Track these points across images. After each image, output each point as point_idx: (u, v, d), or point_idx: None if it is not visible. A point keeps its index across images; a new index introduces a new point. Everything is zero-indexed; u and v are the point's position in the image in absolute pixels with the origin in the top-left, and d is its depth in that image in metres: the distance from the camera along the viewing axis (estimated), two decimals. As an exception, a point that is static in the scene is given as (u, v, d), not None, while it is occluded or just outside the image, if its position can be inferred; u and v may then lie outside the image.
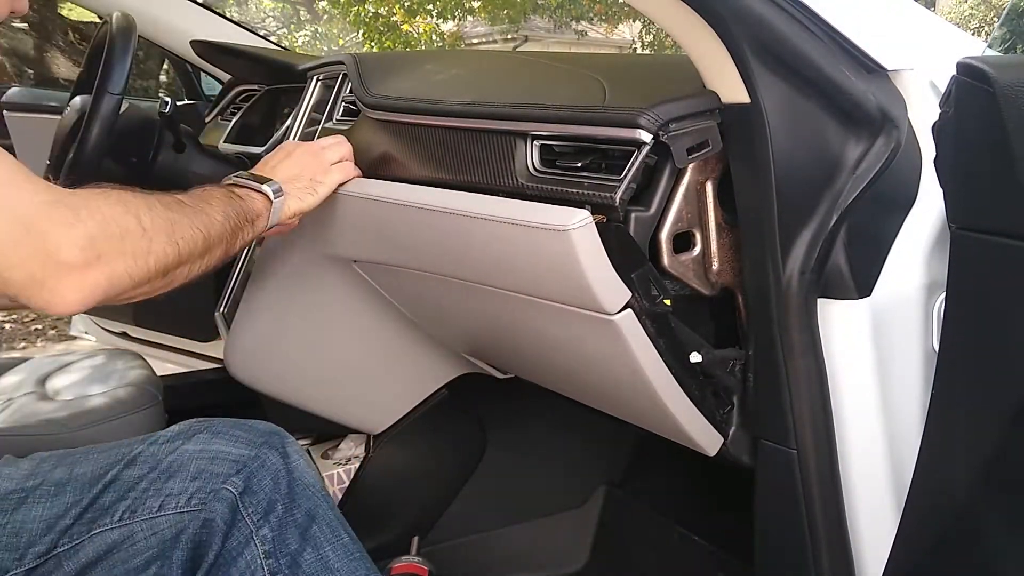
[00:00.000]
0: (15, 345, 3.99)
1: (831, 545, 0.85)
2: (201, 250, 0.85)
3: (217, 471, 0.84)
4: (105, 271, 0.73)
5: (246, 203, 0.92)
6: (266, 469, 0.86)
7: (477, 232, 0.88)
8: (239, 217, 0.90)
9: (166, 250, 0.79)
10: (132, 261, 0.76)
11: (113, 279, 0.74)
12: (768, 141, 0.77)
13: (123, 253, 0.75)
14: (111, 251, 0.73)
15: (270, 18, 11.57)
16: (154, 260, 0.78)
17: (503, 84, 1.12)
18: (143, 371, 1.59)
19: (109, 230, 0.74)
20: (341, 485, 1.52)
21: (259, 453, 0.86)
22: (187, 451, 0.86)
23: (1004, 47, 1.12)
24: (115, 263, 0.74)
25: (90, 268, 0.72)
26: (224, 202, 0.90)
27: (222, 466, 0.84)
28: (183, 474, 0.84)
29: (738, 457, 0.90)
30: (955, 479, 0.76)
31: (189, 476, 0.84)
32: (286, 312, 1.22)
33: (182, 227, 0.82)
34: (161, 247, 0.79)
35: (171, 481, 0.84)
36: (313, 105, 1.36)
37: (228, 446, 0.86)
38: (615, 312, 0.82)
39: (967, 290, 0.72)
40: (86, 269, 0.71)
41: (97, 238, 0.72)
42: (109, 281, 0.74)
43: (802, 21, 0.76)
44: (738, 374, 0.88)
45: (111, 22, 1.38)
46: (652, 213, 0.81)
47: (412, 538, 1.29)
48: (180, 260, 0.82)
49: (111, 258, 0.73)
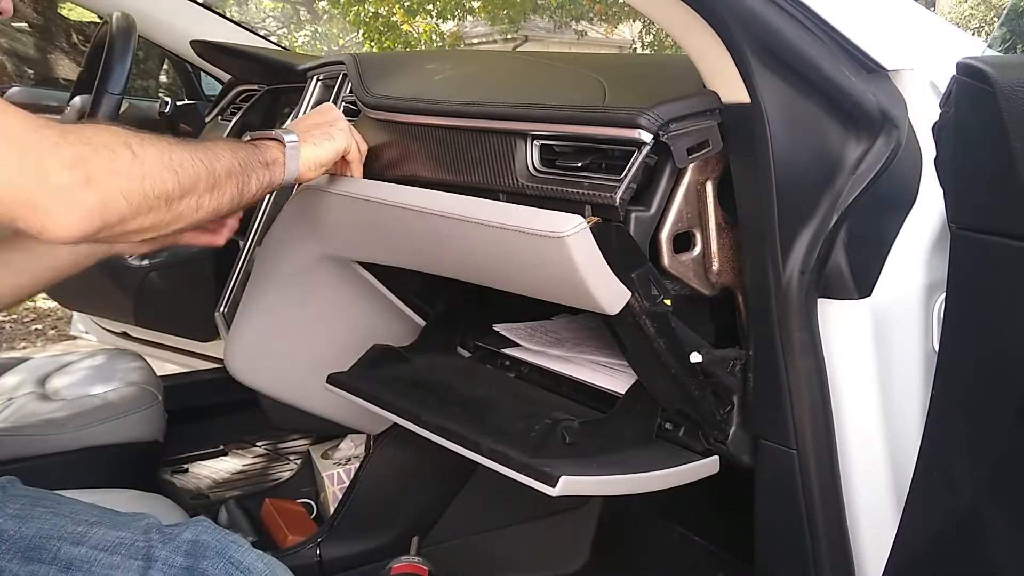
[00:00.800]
0: (15, 345, 3.99)
1: (831, 545, 0.85)
2: (207, 183, 0.82)
3: None
4: (98, 192, 0.72)
5: (260, 150, 0.91)
6: None
7: (475, 236, 0.88)
8: (250, 158, 0.89)
9: (163, 175, 0.77)
10: (126, 182, 0.74)
11: (108, 201, 0.72)
12: (768, 141, 0.77)
13: (114, 173, 0.73)
14: (101, 170, 0.72)
15: (270, 18, 11.57)
16: (150, 184, 0.76)
17: (503, 84, 1.12)
18: (143, 371, 1.59)
19: (97, 150, 0.72)
20: (341, 485, 1.52)
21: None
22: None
23: (1004, 47, 1.12)
24: (107, 183, 0.72)
25: (82, 189, 0.70)
26: (232, 145, 0.89)
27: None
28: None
29: (738, 457, 0.90)
30: (955, 479, 0.76)
31: None
32: (286, 312, 1.22)
33: (179, 155, 0.80)
34: (157, 171, 0.77)
35: None
36: (313, 105, 1.36)
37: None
38: (615, 313, 0.82)
39: (967, 290, 0.72)
40: (78, 190, 0.70)
41: (86, 158, 0.71)
42: (103, 203, 0.72)
43: (802, 21, 0.76)
44: (738, 374, 0.88)
45: (111, 22, 1.38)
46: (652, 213, 0.81)
47: (412, 538, 1.29)
48: (182, 189, 0.79)
49: (102, 178, 0.72)
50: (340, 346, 1.21)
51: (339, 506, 1.42)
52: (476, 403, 1.05)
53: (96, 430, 1.40)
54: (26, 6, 4.62)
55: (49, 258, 1.01)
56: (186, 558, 0.81)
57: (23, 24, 4.69)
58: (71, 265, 1.02)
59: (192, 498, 1.67)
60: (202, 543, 0.82)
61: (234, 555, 0.82)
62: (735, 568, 1.29)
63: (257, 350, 1.25)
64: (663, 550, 1.44)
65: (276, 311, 1.22)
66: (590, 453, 0.91)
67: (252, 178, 0.89)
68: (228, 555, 0.82)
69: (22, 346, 3.97)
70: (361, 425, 1.40)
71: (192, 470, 1.83)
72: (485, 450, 0.92)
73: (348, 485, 1.45)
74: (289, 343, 1.25)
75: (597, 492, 1.19)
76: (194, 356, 2.13)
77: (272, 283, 1.21)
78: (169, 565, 0.80)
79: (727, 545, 1.32)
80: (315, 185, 1.08)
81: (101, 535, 0.83)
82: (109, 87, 1.34)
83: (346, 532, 1.39)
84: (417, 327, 1.28)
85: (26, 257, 1.00)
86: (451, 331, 1.25)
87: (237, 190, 0.87)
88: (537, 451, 0.89)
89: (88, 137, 0.72)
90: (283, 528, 1.45)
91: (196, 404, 1.88)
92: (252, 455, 1.90)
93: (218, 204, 0.85)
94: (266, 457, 1.89)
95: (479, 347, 1.23)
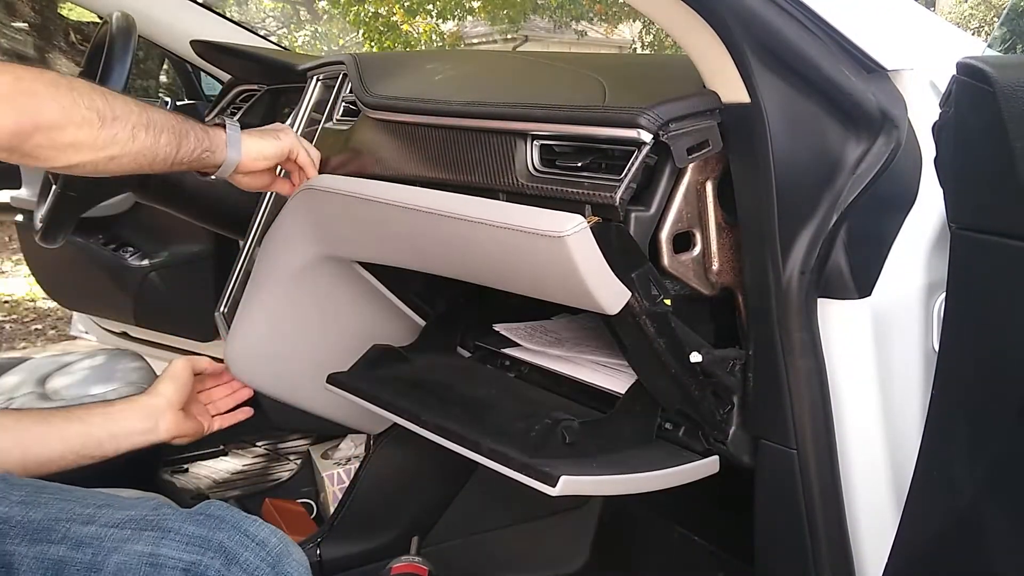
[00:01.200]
0: (15, 345, 3.99)
1: (831, 545, 0.85)
2: (139, 118, 0.91)
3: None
4: (33, 97, 0.82)
5: (203, 125, 1.00)
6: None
7: (475, 235, 0.88)
8: (189, 122, 0.97)
9: (92, 95, 0.87)
10: (54, 90, 0.84)
11: (42, 105, 0.83)
12: (768, 141, 0.77)
13: (48, 83, 0.84)
14: (37, 80, 0.83)
15: (270, 18, 11.57)
16: (79, 96, 0.86)
17: (503, 84, 1.12)
18: (143, 371, 1.59)
19: (32, 70, 0.85)
20: (341, 485, 1.52)
21: (207, 561, 0.79)
22: (134, 553, 0.79)
23: (1004, 47, 1.12)
24: (42, 90, 0.83)
25: (19, 92, 0.81)
26: (170, 110, 0.98)
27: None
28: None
29: (738, 457, 0.90)
30: (955, 479, 0.76)
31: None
32: (286, 313, 1.22)
33: (110, 92, 0.91)
34: (87, 90, 0.87)
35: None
36: (313, 105, 1.36)
37: (177, 550, 0.79)
38: (615, 313, 0.82)
39: (967, 290, 0.72)
40: (16, 93, 0.81)
41: (22, 72, 0.83)
42: (37, 106, 0.83)
43: (802, 21, 0.76)
44: (738, 374, 0.88)
45: (111, 22, 1.38)
46: (652, 213, 0.81)
47: (412, 538, 1.29)
48: (113, 112, 0.88)
49: (38, 86, 0.83)
50: (340, 346, 1.21)
51: (339, 506, 1.42)
52: (476, 403, 1.05)
53: (96, 430, 1.40)
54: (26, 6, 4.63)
55: None
56: (200, 527, 0.81)
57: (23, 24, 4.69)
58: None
59: (192, 498, 1.67)
60: (216, 516, 0.82)
61: (248, 528, 0.82)
62: (735, 568, 1.29)
63: (257, 350, 1.25)
64: (663, 550, 1.44)
65: (276, 312, 1.22)
66: (590, 453, 0.91)
67: (191, 135, 0.97)
68: (243, 528, 0.82)
69: (22, 346, 3.97)
70: (361, 425, 1.40)
71: (192, 470, 1.83)
72: (485, 450, 0.92)
73: (348, 485, 1.45)
74: (289, 343, 1.25)
75: (597, 492, 1.19)
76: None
77: (272, 284, 1.21)
78: (183, 535, 0.80)
79: (727, 545, 1.32)
80: (315, 185, 1.08)
81: (110, 514, 0.83)
82: (109, 87, 1.34)
83: (346, 532, 1.39)
84: (417, 327, 1.28)
85: None
86: (451, 331, 1.25)
87: (174, 138, 0.95)
88: (537, 451, 0.89)
89: (27, 69, 0.84)
90: (283, 528, 1.45)
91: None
92: (252, 455, 1.90)
93: (154, 143, 0.93)
94: (266, 457, 1.89)
95: (479, 347, 1.23)
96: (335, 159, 1.16)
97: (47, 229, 1.45)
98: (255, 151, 1.04)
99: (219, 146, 1.00)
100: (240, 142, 1.02)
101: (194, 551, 0.79)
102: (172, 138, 0.94)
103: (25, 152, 0.85)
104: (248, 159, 1.03)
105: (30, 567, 0.79)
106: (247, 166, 1.04)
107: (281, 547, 0.82)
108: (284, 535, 0.85)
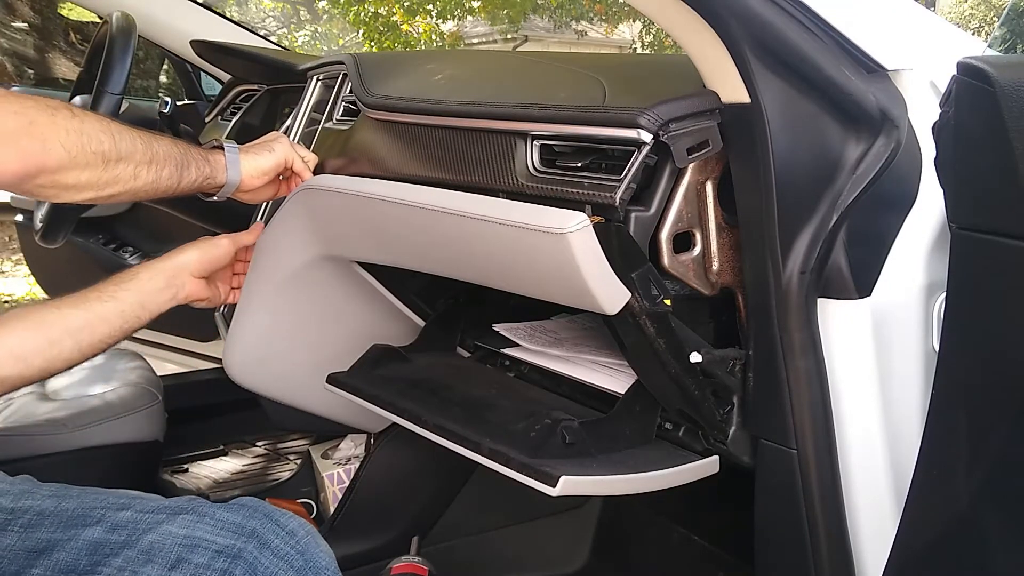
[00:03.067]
0: (15, 345, 3.97)
1: (831, 545, 0.85)
2: (144, 155, 0.91)
3: (197, 561, 0.80)
4: (38, 138, 0.80)
5: (203, 151, 1.01)
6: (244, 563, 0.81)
7: (476, 232, 0.88)
8: (190, 153, 0.98)
9: (100, 136, 0.86)
10: (64, 133, 0.82)
11: (48, 146, 0.81)
12: (768, 141, 0.76)
13: (55, 124, 0.82)
14: (43, 119, 0.81)
15: (270, 18, 11.56)
16: (87, 139, 0.84)
17: (503, 84, 1.12)
18: (143, 371, 1.59)
19: (40, 105, 0.81)
20: (341, 485, 1.52)
21: (240, 544, 0.82)
22: (168, 534, 0.82)
23: (1004, 47, 1.12)
24: (48, 131, 0.81)
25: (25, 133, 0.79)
26: (173, 139, 0.98)
27: (202, 556, 0.80)
28: (161, 560, 0.80)
29: (738, 457, 0.90)
30: (955, 479, 0.76)
31: (168, 564, 0.80)
32: (284, 315, 1.22)
33: (117, 127, 0.89)
34: (94, 130, 0.85)
35: (148, 566, 0.79)
36: (313, 105, 1.36)
37: (211, 533, 0.82)
38: (614, 313, 0.82)
39: (967, 290, 0.72)
40: (21, 134, 0.79)
41: (30, 108, 0.80)
42: (44, 147, 0.81)
43: (802, 21, 0.75)
44: (738, 374, 0.88)
45: (111, 22, 1.38)
46: (652, 213, 0.81)
47: (412, 538, 1.29)
48: (118, 152, 0.87)
49: (44, 126, 0.81)
50: (340, 348, 1.21)
51: (339, 506, 1.42)
52: (476, 403, 1.05)
53: (96, 430, 1.40)
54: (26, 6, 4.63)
55: None
56: (234, 515, 0.84)
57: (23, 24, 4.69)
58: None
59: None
60: (249, 506, 0.86)
61: (279, 519, 0.86)
62: (735, 568, 1.29)
63: (256, 354, 1.25)
64: (663, 550, 1.44)
65: (275, 314, 1.22)
66: (590, 453, 0.91)
67: (192, 165, 0.98)
68: (274, 518, 0.86)
69: (22, 346, 3.96)
70: (361, 425, 1.40)
71: (192, 470, 1.83)
72: (485, 450, 0.92)
73: (348, 485, 1.45)
74: (288, 345, 1.25)
75: (597, 492, 1.19)
76: (194, 356, 2.14)
77: (270, 286, 1.20)
78: (217, 519, 0.83)
79: (727, 545, 1.32)
80: (313, 184, 1.08)
81: (145, 503, 0.86)
82: (109, 87, 1.34)
83: (346, 532, 1.39)
84: (417, 328, 1.28)
85: None
86: (451, 331, 1.25)
87: (176, 170, 0.96)
88: (537, 451, 0.89)
89: (35, 99, 0.82)
90: (283, 528, 1.45)
91: (196, 404, 1.88)
92: (252, 455, 1.90)
93: (156, 178, 0.93)
94: (266, 457, 1.89)
95: (479, 347, 1.23)
96: (335, 159, 1.16)
97: (47, 229, 1.45)
98: (253, 169, 1.06)
99: (219, 171, 1.02)
100: (239, 163, 1.04)
101: (228, 535, 0.82)
102: (174, 171, 0.96)
103: (27, 190, 0.85)
104: (247, 177, 1.05)
105: (68, 548, 0.81)
106: (248, 184, 1.06)
107: (309, 538, 0.86)
108: (312, 527, 0.88)
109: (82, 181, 0.86)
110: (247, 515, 0.85)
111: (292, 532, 0.85)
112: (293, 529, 0.85)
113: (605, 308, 0.81)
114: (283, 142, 1.11)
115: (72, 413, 1.41)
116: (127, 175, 0.90)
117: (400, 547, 1.30)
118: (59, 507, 0.85)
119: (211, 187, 1.03)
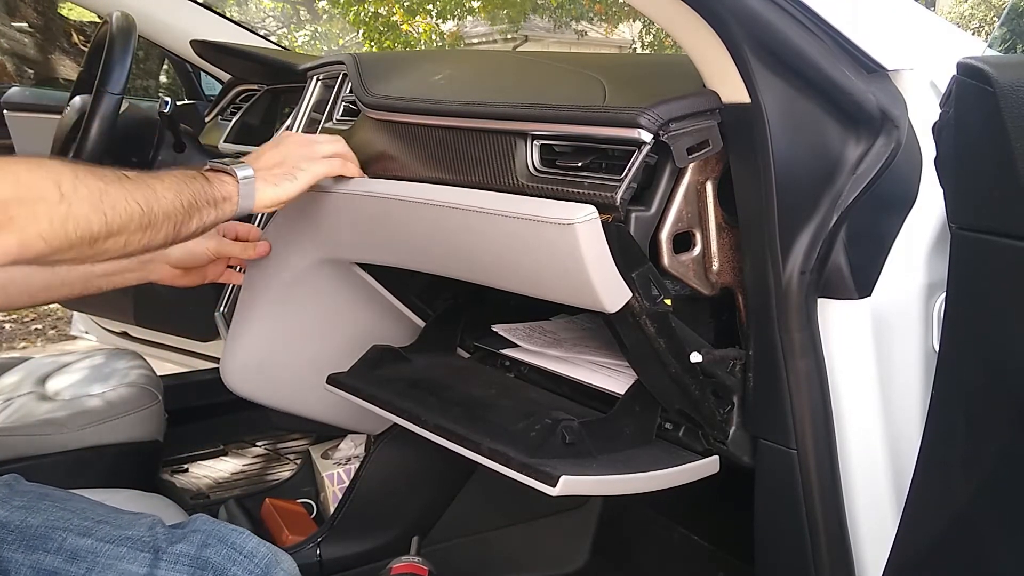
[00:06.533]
0: (15, 345, 3.99)
1: (831, 545, 0.85)
2: (139, 223, 0.83)
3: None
4: (16, 233, 0.73)
5: (213, 185, 0.91)
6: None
7: (480, 228, 0.87)
8: (197, 197, 0.89)
9: (90, 217, 0.79)
10: (47, 225, 0.75)
11: (25, 241, 0.74)
12: (768, 141, 0.76)
13: (36, 217, 0.74)
14: (24, 215, 0.73)
15: (270, 18, 11.56)
16: (73, 226, 0.77)
17: (503, 84, 1.12)
18: (143, 371, 1.59)
19: (22, 194, 0.74)
20: (341, 485, 1.52)
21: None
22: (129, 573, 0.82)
23: (1004, 47, 1.12)
24: (27, 227, 0.74)
25: (3, 228, 0.72)
26: (180, 181, 0.88)
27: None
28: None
29: (738, 457, 0.90)
30: (955, 479, 0.76)
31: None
32: (283, 321, 1.22)
33: (113, 197, 0.81)
34: (83, 214, 0.78)
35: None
36: (313, 105, 1.36)
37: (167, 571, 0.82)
38: (615, 311, 0.82)
39: (967, 290, 0.72)
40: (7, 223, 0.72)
41: (9, 201, 0.73)
42: (21, 243, 0.74)
43: (802, 21, 0.76)
44: (738, 374, 0.88)
45: (111, 22, 1.38)
46: (652, 213, 0.81)
47: (412, 538, 1.29)
48: (109, 231, 0.80)
49: (24, 222, 0.73)
50: (339, 351, 1.21)
51: (339, 506, 1.42)
52: (476, 403, 1.05)
53: (96, 430, 1.40)
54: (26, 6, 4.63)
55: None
56: (191, 547, 0.84)
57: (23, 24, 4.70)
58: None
59: (192, 498, 1.67)
60: (206, 532, 0.86)
61: (236, 541, 0.85)
62: (735, 568, 1.29)
63: (255, 362, 1.24)
64: (663, 550, 1.44)
65: (272, 320, 1.22)
66: (590, 453, 0.91)
67: (194, 218, 0.89)
68: (231, 542, 0.85)
69: (22, 346, 3.97)
70: (361, 425, 1.40)
71: (192, 470, 1.83)
72: (485, 450, 0.92)
73: (348, 485, 1.45)
74: (288, 351, 1.24)
75: (597, 492, 1.19)
76: (194, 356, 2.13)
77: (269, 294, 1.20)
78: (176, 555, 0.84)
79: (727, 545, 1.32)
80: (314, 186, 1.08)
81: (107, 531, 0.86)
82: (109, 87, 1.34)
83: (346, 532, 1.39)
84: (417, 328, 1.27)
85: None
86: (450, 332, 1.25)
87: (173, 229, 0.87)
88: (537, 451, 0.89)
89: (18, 177, 0.74)
90: (283, 528, 1.45)
91: (196, 404, 1.88)
92: (252, 455, 1.90)
93: (149, 242, 0.85)
94: (266, 457, 1.89)
95: (478, 347, 1.23)
96: (335, 159, 1.16)
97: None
98: (269, 199, 0.96)
99: (227, 211, 0.93)
100: (253, 196, 0.94)
101: (185, 571, 0.82)
102: (171, 230, 0.87)
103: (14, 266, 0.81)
104: (260, 208, 0.97)
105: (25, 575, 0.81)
106: (257, 212, 0.99)
107: (270, 557, 0.86)
108: (272, 545, 0.88)
109: (64, 259, 0.81)
110: (202, 543, 0.85)
111: (250, 555, 0.84)
112: (251, 551, 0.85)
113: (606, 305, 0.81)
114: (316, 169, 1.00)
115: (72, 413, 1.41)
116: (115, 247, 0.83)
117: (400, 547, 1.30)
118: (24, 522, 0.84)
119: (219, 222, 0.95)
